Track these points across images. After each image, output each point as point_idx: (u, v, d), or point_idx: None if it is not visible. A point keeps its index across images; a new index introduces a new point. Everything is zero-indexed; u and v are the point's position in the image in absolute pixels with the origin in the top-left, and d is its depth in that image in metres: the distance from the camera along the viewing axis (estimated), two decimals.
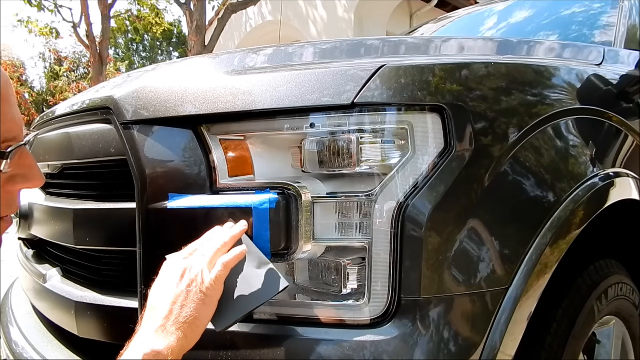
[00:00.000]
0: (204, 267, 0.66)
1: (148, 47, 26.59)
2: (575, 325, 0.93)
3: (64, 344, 0.99)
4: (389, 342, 0.69)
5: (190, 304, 0.63)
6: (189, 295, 0.64)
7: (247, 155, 0.79)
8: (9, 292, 1.42)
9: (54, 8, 9.44)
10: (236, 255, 0.68)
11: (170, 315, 0.62)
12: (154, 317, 0.63)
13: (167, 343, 0.60)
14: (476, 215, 0.75)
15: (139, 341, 0.61)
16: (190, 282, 0.65)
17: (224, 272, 0.66)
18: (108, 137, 0.89)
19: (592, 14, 1.74)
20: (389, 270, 0.71)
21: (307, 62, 0.95)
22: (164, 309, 0.63)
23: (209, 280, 0.65)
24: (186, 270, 0.66)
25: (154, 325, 0.62)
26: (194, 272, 0.66)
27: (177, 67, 1.01)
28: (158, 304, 0.64)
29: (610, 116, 1.06)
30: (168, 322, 0.62)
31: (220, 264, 0.67)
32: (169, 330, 0.61)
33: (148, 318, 0.64)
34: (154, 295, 0.66)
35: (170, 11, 42.91)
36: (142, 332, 0.63)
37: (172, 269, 0.68)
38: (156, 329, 0.62)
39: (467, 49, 1.06)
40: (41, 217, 1.14)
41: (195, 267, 0.66)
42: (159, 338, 0.61)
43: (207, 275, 0.65)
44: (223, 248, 0.69)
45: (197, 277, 0.65)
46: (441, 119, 0.74)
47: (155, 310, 0.64)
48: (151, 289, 0.68)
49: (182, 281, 0.65)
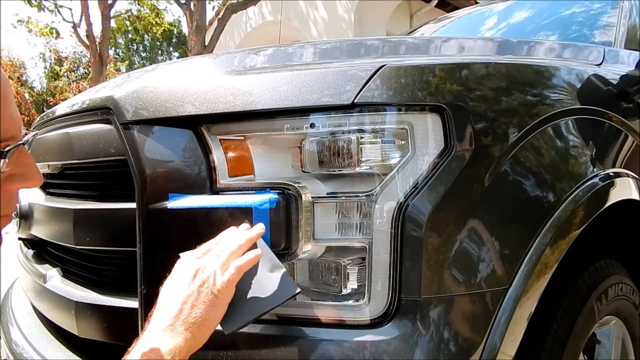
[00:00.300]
0: (217, 269, 0.66)
1: (148, 47, 26.60)
2: (575, 325, 0.93)
3: (64, 344, 0.99)
4: (389, 342, 0.69)
5: (200, 305, 0.63)
6: (199, 296, 0.64)
7: (247, 155, 0.79)
8: (9, 292, 1.42)
9: (54, 8, 9.44)
10: (250, 259, 0.68)
11: (179, 315, 0.63)
12: (163, 316, 0.63)
13: (175, 343, 0.60)
14: (476, 215, 0.75)
15: (146, 340, 0.61)
16: (202, 283, 0.65)
17: (236, 276, 0.66)
18: (108, 137, 0.89)
19: (592, 14, 1.74)
20: (389, 270, 0.71)
21: (307, 62, 0.95)
22: (174, 309, 0.63)
23: (221, 283, 0.65)
24: (199, 270, 0.66)
25: (163, 324, 0.62)
26: (206, 272, 0.66)
27: (177, 67, 1.01)
28: (168, 302, 0.64)
29: (610, 116, 1.06)
30: (177, 321, 0.62)
31: (233, 266, 0.66)
32: (178, 330, 0.61)
33: (157, 316, 0.64)
34: (164, 294, 0.66)
35: (170, 11, 42.90)
36: (150, 330, 0.63)
37: (184, 268, 0.68)
38: (165, 328, 0.62)
39: (467, 49, 1.06)
40: (41, 217, 1.14)
41: (208, 268, 0.66)
42: (167, 338, 0.61)
43: (219, 278, 0.65)
44: (238, 251, 0.68)
45: (209, 278, 0.65)
46: (441, 119, 0.74)
47: (165, 309, 0.64)
48: (162, 286, 0.68)
49: (194, 281, 0.65)
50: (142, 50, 26.97)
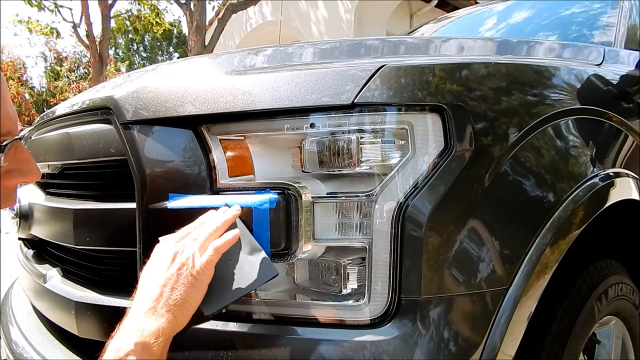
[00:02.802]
0: (195, 251, 0.67)
1: (148, 47, 26.61)
2: (575, 325, 0.93)
3: (64, 344, 0.99)
4: (389, 342, 0.69)
5: (180, 287, 0.64)
6: (179, 278, 0.65)
7: (247, 155, 0.79)
8: (9, 292, 1.42)
9: (54, 8, 9.44)
10: (228, 240, 0.69)
11: (160, 298, 0.63)
12: (144, 299, 0.64)
13: (158, 324, 0.61)
14: (476, 215, 0.75)
15: (129, 323, 0.62)
16: (181, 266, 0.66)
17: (214, 257, 0.67)
18: (108, 137, 0.89)
19: (592, 14, 1.74)
20: (389, 270, 0.71)
21: (307, 62, 0.95)
22: (154, 292, 0.64)
23: (200, 264, 0.66)
24: (177, 253, 0.67)
25: (144, 307, 0.63)
26: (185, 255, 0.67)
27: (177, 67, 1.01)
28: (148, 286, 0.65)
29: (610, 116, 1.06)
30: (158, 304, 0.63)
31: (211, 248, 0.68)
32: (159, 312, 0.62)
33: (138, 300, 0.65)
34: (144, 278, 0.67)
35: (170, 11, 42.94)
36: (132, 313, 0.63)
37: (163, 252, 0.69)
38: (146, 311, 0.62)
39: (467, 49, 1.06)
40: (41, 217, 1.14)
41: (187, 251, 0.67)
42: (149, 319, 0.62)
43: (197, 259, 0.66)
44: (215, 232, 0.69)
45: (187, 260, 0.66)
46: (441, 119, 0.74)
47: (146, 293, 0.65)
48: (142, 271, 0.69)
49: (173, 264, 0.66)
50: (142, 50, 26.99)
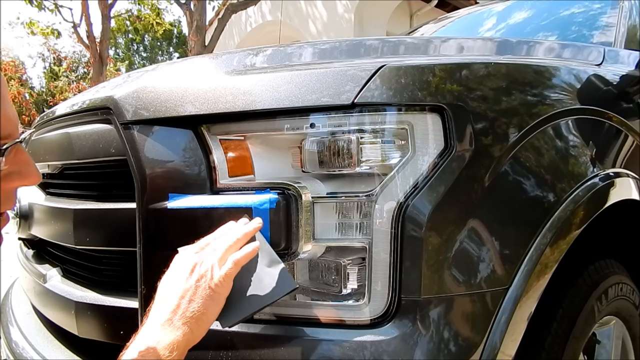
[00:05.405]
0: (215, 263, 0.66)
1: (148, 47, 26.60)
2: (575, 325, 0.93)
3: (64, 344, 0.99)
4: (389, 342, 0.69)
5: (198, 299, 0.63)
6: (197, 290, 0.64)
7: (247, 155, 0.79)
8: (9, 292, 1.42)
9: (54, 8, 9.43)
10: (247, 253, 0.68)
11: (177, 310, 0.63)
12: (161, 310, 0.64)
13: (173, 337, 0.61)
14: (476, 215, 0.75)
15: (145, 334, 0.62)
16: (200, 277, 0.65)
17: (234, 270, 0.67)
18: (108, 137, 0.89)
19: (591, 14, 1.74)
20: (389, 270, 0.71)
21: (306, 62, 0.95)
22: (172, 303, 0.63)
23: (219, 277, 0.65)
24: (196, 265, 0.67)
25: (161, 318, 0.62)
26: (204, 267, 0.66)
27: (177, 67, 1.01)
28: (166, 297, 0.65)
29: (610, 116, 1.06)
30: (175, 316, 0.62)
31: (230, 261, 0.67)
32: (176, 325, 0.62)
33: (155, 311, 0.64)
34: (162, 289, 0.67)
35: (170, 11, 42.87)
36: (148, 325, 0.63)
37: (182, 263, 0.68)
38: (163, 323, 0.62)
39: (466, 49, 1.06)
40: (41, 217, 1.14)
41: (206, 263, 0.67)
42: (166, 332, 0.61)
43: (216, 272, 0.66)
44: (235, 245, 0.69)
45: (206, 272, 0.65)
46: (441, 119, 0.74)
47: (163, 304, 0.64)
48: (160, 281, 0.68)
49: (192, 276, 0.65)
50: (142, 50, 26.97)
